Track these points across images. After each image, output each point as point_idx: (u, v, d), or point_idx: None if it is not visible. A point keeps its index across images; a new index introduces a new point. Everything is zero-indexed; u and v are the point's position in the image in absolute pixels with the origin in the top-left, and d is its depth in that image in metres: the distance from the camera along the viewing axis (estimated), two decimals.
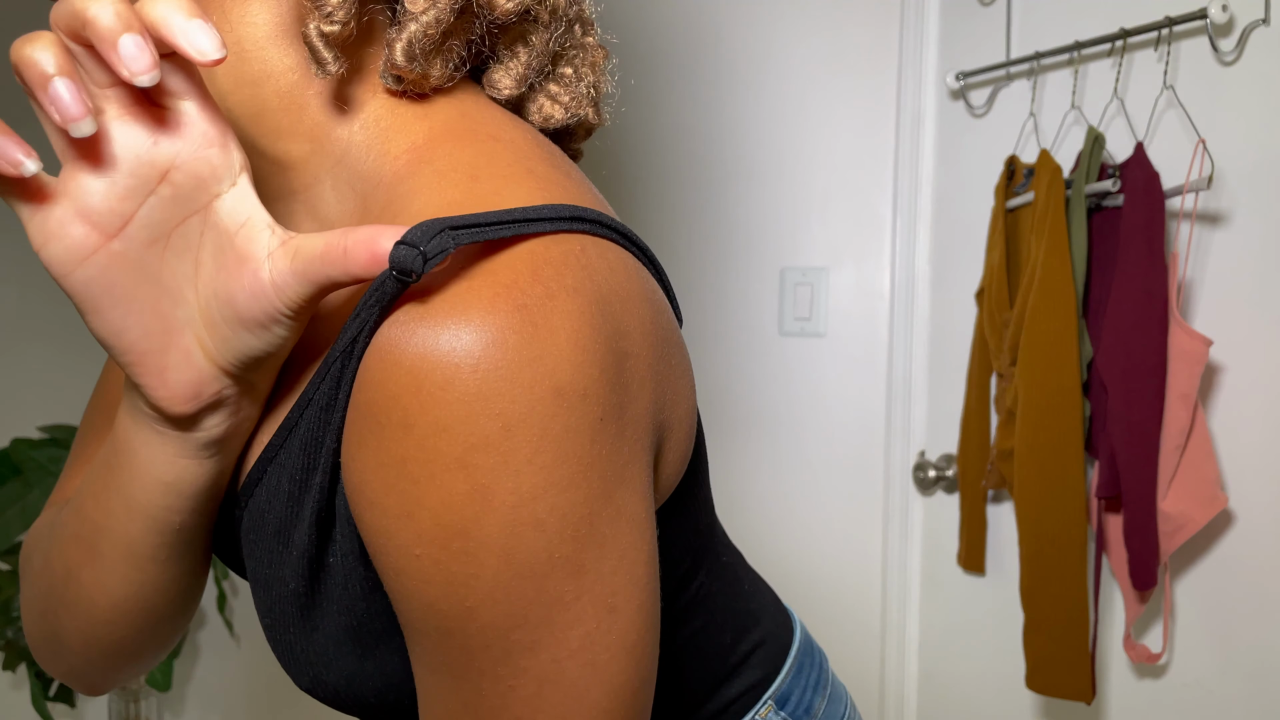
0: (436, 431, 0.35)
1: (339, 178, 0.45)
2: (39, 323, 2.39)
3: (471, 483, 0.35)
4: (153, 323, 0.39)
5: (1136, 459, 1.11)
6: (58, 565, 0.50)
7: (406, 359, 0.35)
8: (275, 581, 0.45)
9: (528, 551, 0.36)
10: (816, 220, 1.67)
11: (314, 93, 0.44)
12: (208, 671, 2.23)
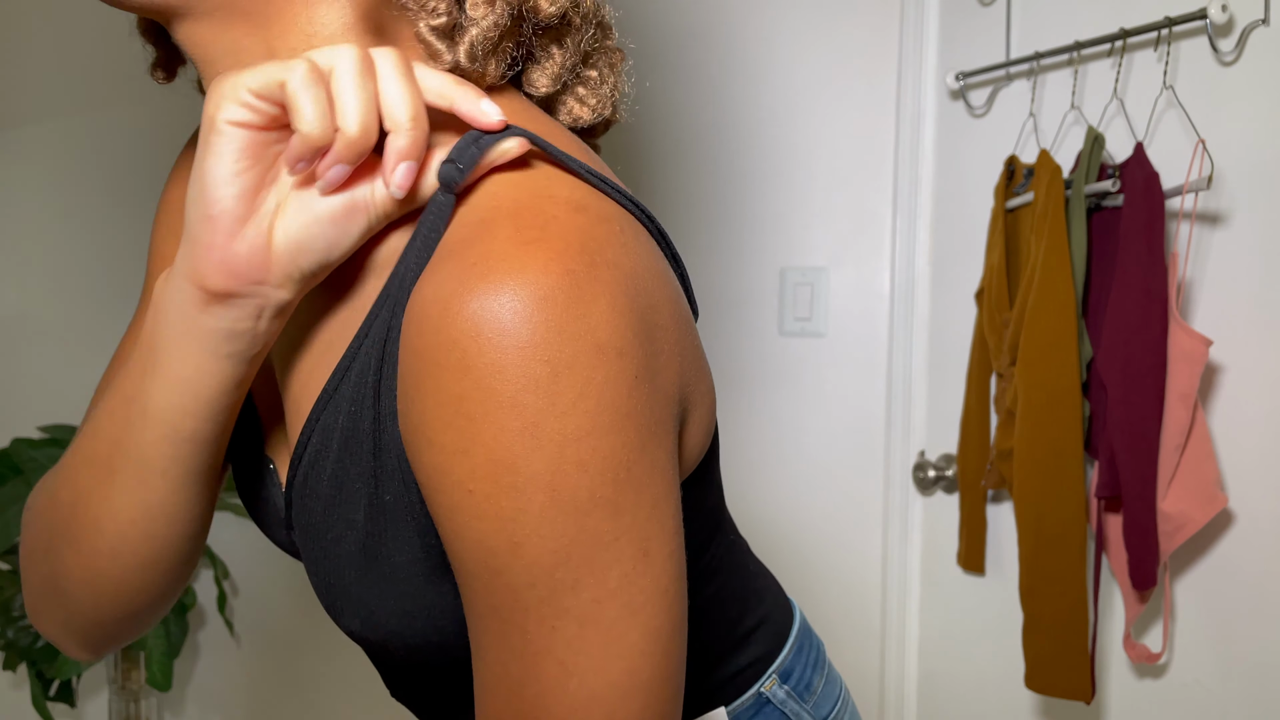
0: (492, 373, 0.38)
1: None
2: (39, 322, 2.39)
3: (522, 420, 0.38)
4: (251, 191, 0.42)
5: (1136, 459, 1.11)
6: (65, 496, 0.51)
7: (467, 309, 0.39)
8: (332, 524, 0.47)
9: (571, 489, 0.39)
10: (816, 220, 1.67)
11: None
12: (208, 671, 2.23)
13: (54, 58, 2.35)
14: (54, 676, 1.80)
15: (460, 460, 0.39)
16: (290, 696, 2.16)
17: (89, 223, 2.31)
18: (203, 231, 0.42)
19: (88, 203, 2.31)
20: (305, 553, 0.51)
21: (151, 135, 2.23)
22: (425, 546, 0.46)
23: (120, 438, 0.47)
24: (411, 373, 0.41)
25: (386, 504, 0.46)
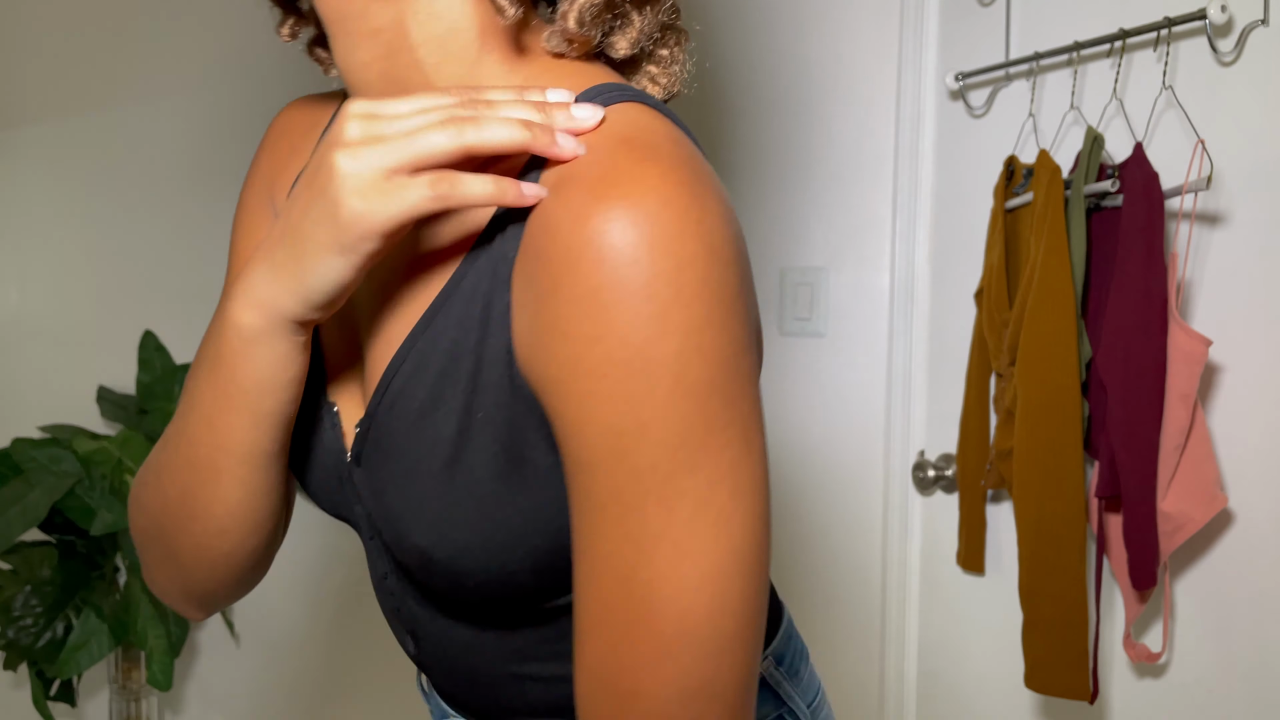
0: (626, 264, 0.42)
1: None
2: (40, 322, 2.39)
3: (653, 307, 0.42)
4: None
5: (1136, 459, 1.11)
6: (173, 492, 0.57)
7: (599, 214, 0.43)
8: (415, 444, 0.51)
9: (694, 374, 0.43)
10: (816, 220, 1.67)
11: (489, 49, 0.53)
12: (208, 671, 2.23)
13: (54, 58, 2.35)
14: (54, 676, 1.80)
15: (595, 347, 0.43)
16: (290, 696, 2.16)
17: (89, 223, 2.31)
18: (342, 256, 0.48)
19: (88, 203, 2.31)
20: (373, 481, 0.54)
21: (152, 135, 2.23)
22: (509, 461, 0.49)
23: (228, 443, 0.53)
24: (546, 277, 0.44)
25: (477, 420, 0.49)
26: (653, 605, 0.43)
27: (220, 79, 2.15)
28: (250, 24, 2.13)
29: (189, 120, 2.18)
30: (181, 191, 2.19)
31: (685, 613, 0.43)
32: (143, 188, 2.23)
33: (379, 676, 2.08)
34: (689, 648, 0.43)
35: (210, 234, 2.17)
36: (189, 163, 2.18)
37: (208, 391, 0.53)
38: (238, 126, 2.13)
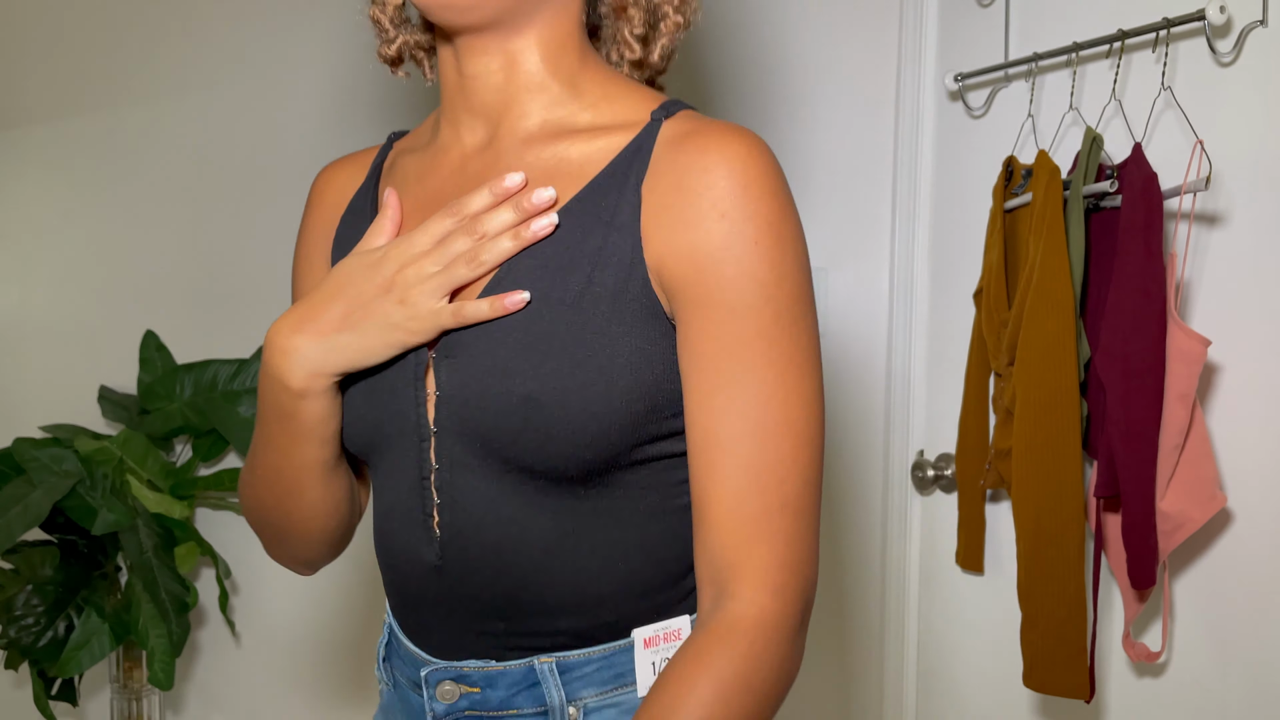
0: (763, 171, 0.62)
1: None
2: (41, 322, 2.39)
3: (780, 201, 0.62)
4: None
5: (1135, 459, 1.11)
6: (269, 500, 0.73)
7: (731, 145, 0.62)
8: (542, 292, 0.63)
9: (803, 255, 0.63)
10: (815, 221, 1.67)
11: (587, 73, 0.70)
12: (209, 670, 2.24)
13: (55, 58, 2.35)
14: (56, 675, 1.80)
15: (749, 224, 0.61)
16: (291, 695, 2.16)
17: (91, 223, 2.31)
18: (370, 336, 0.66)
19: (90, 203, 2.31)
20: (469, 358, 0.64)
21: (152, 136, 2.23)
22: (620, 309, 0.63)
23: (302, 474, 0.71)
24: (696, 184, 0.61)
25: (586, 277, 0.63)
26: (790, 412, 0.62)
27: (221, 80, 2.15)
28: (251, 24, 2.13)
29: (190, 121, 2.18)
30: (183, 192, 2.19)
31: (809, 422, 0.63)
32: (144, 188, 2.24)
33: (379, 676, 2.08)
34: (812, 447, 0.64)
35: (211, 235, 2.17)
36: (190, 164, 2.18)
37: (278, 433, 0.69)
38: (239, 127, 2.13)
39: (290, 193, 2.09)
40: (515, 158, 0.67)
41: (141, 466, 1.92)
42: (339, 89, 2.03)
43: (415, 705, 0.71)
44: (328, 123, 2.04)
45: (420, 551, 0.68)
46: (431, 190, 0.70)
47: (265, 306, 2.11)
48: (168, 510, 1.91)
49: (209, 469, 2.13)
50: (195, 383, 2.02)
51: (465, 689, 0.67)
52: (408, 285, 0.63)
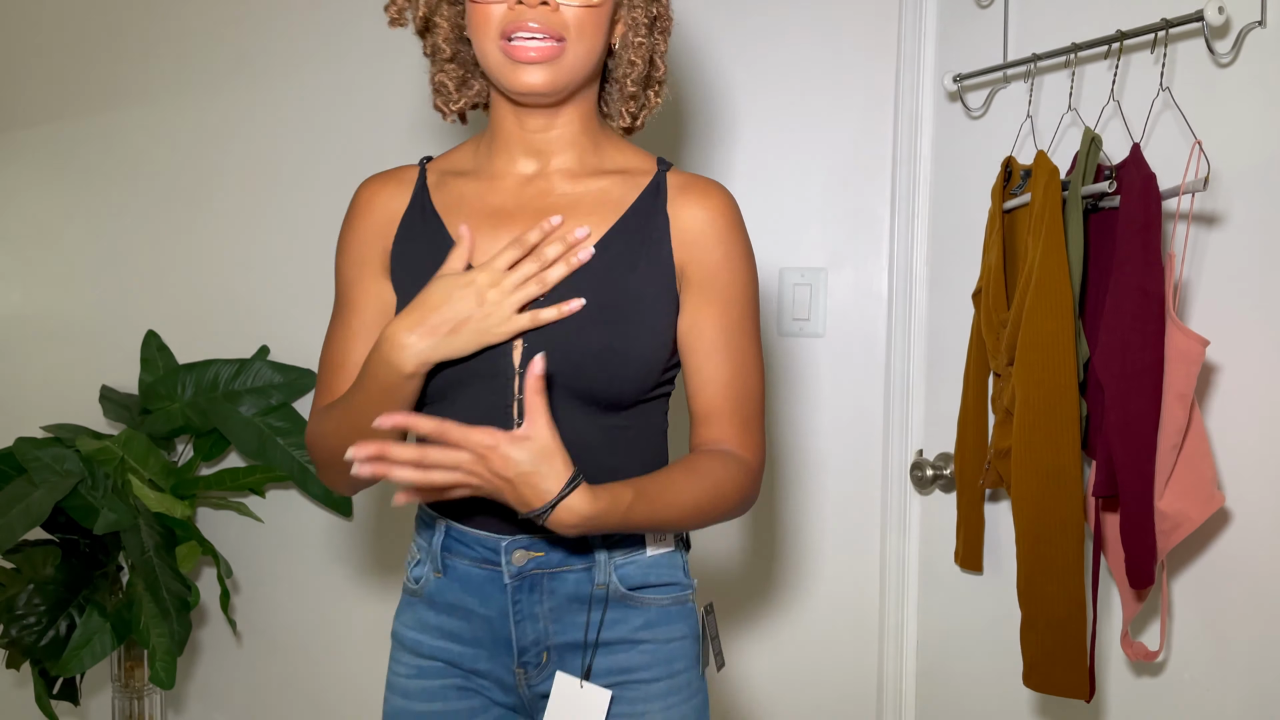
0: (738, 215, 0.95)
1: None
2: (43, 323, 2.39)
3: (745, 233, 0.96)
4: None
5: (1133, 458, 1.11)
6: (331, 449, 0.94)
7: (720, 194, 0.95)
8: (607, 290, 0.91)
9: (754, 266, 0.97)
10: (815, 221, 1.68)
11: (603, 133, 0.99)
12: (210, 669, 2.24)
13: (56, 60, 2.36)
14: (57, 674, 1.81)
15: (739, 246, 0.94)
16: (292, 694, 2.16)
17: (92, 224, 2.32)
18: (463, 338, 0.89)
19: (91, 204, 2.32)
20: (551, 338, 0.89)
21: (153, 137, 2.23)
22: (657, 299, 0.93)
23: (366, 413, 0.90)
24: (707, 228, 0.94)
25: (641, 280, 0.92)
26: (753, 370, 0.96)
27: (221, 81, 2.15)
28: (251, 25, 2.13)
29: (191, 121, 2.19)
30: (184, 193, 2.20)
31: (759, 372, 0.97)
32: (145, 189, 2.24)
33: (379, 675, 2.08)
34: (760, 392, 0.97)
35: (212, 235, 2.17)
36: (191, 164, 2.19)
37: (378, 401, 0.89)
38: (240, 128, 2.14)
39: (291, 192, 2.09)
40: (563, 187, 0.95)
41: (143, 466, 1.93)
42: (338, 89, 2.04)
43: (479, 577, 0.95)
44: (327, 123, 2.05)
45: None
46: (494, 205, 0.95)
47: (266, 307, 2.11)
48: (169, 510, 1.91)
49: (210, 468, 2.13)
50: (196, 382, 2.03)
51: (533, 554, 0.93)
52: (495, 303, 0.87)
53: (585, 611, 0.93)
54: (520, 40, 0.86)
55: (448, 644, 0.96)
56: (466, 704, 0.97)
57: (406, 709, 0.97)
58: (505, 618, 0.93)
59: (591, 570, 0.93)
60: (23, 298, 2.43)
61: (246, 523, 2.15)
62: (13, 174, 2.42)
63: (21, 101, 2.39)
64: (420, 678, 0.97)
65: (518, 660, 0.94)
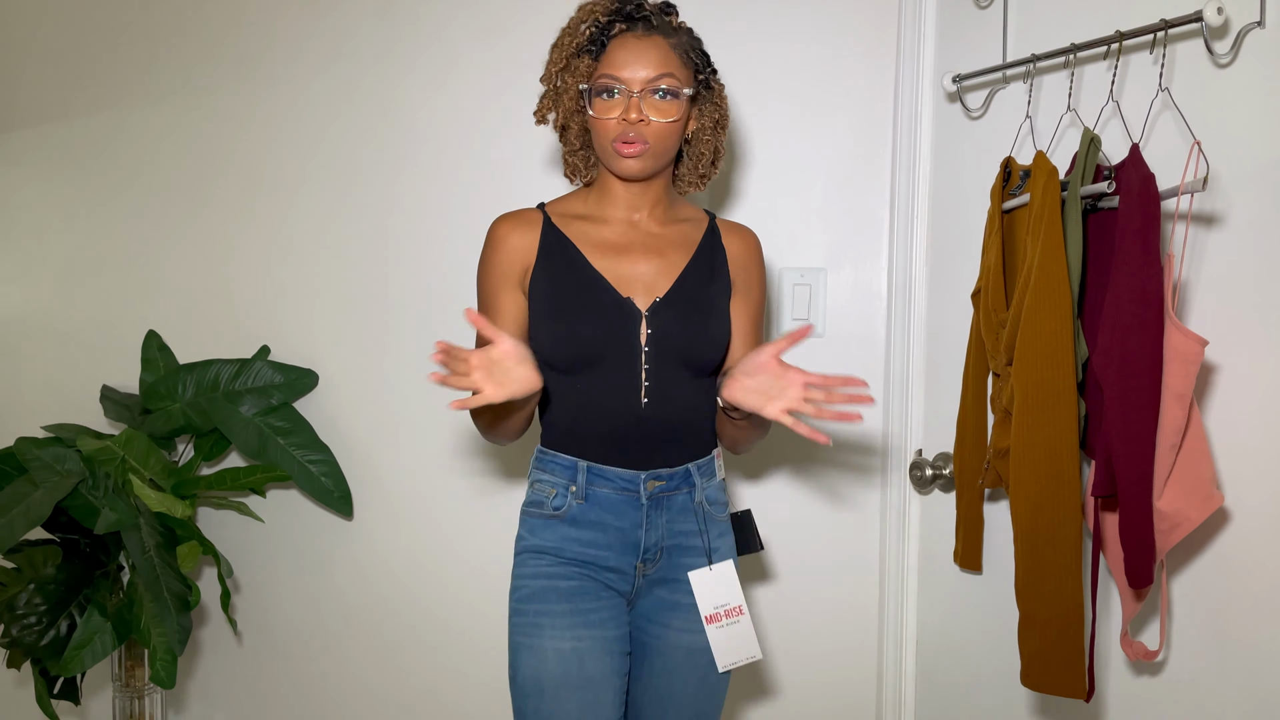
0: (761, 246, 1.38)
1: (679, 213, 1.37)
2: (43, 323, 2.40)
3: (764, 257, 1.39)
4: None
5: (1132, 458, 1.11)
6: (488, 417, 1.26)
7: (752, 234, 1.37)
8: (699, 299, 1.29)
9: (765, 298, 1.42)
10: (815, 222, 1.68)
11: (674, 192, 1.36)
12: (210, 669, 2.24)
13: (57, 61, 2.36)
14: (58, 674, 1.81)
15: (760, 269, 1.36)
16: (292, 693, 2.17)
17: (93, 224, 2.32)
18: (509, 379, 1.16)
19: (91, 204, 2.32)
20: (671, 319, 1.26)
21: (153, 138, 2.24)
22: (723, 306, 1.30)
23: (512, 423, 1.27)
24: (747, 250, 1.35)
25: (715, 290, 1.30)
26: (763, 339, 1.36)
27: (222, 82, 2.15)
28: (252, 26, 2.13)
29: (192, 121, 2.19)
30: (184, 193, 2.20)
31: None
32: (146, 190, 2.24)
33: (379, 674, 2.08)
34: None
35: (213, 235, 2.17)
36: (192, 164, 2.19)
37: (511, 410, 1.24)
38: (240, 128, 2.14)
39: (291, 193, 2.09)
40: (653, 229, 1.32)
41: (143, 466, 1.93)
42: (339, 89, 2.04)
43: (617, 501, 1.27)
44: (328, 123, 2.05)
45: (634, 409, 1.26)
46: (610, 239, 1.30)
47: (266, 307, 2.11)
48: (170, 509, 1.91)
49: (211, 468, 2.14)
50: (197, 382, 2.03)
51: (657, 483, 1.28)
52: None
53: (691, 520, 1.30)
54: (624, 144, 1.23)
55: (584, 549, 1.27)
56: (593, 584, 1.28)
57: (552, 588, 1.26)
58: (638, 528, 1.27)
59: (693, 491, 1.30)
60: (23, 298, 2.43)
61: (247, 522, 2.15)
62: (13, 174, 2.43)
63: (21, 101, 2.39)
64: (560, 570, 1.27)
65: (640, 557, 1.28)
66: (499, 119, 1.90)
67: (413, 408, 1.99)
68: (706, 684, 1.30)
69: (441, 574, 1.99)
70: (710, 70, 1.31)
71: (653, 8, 1.28)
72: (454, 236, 1.92)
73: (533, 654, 1.23)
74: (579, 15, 1.27)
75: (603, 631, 1.25)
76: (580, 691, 1.22)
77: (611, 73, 1.23)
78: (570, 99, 1.26)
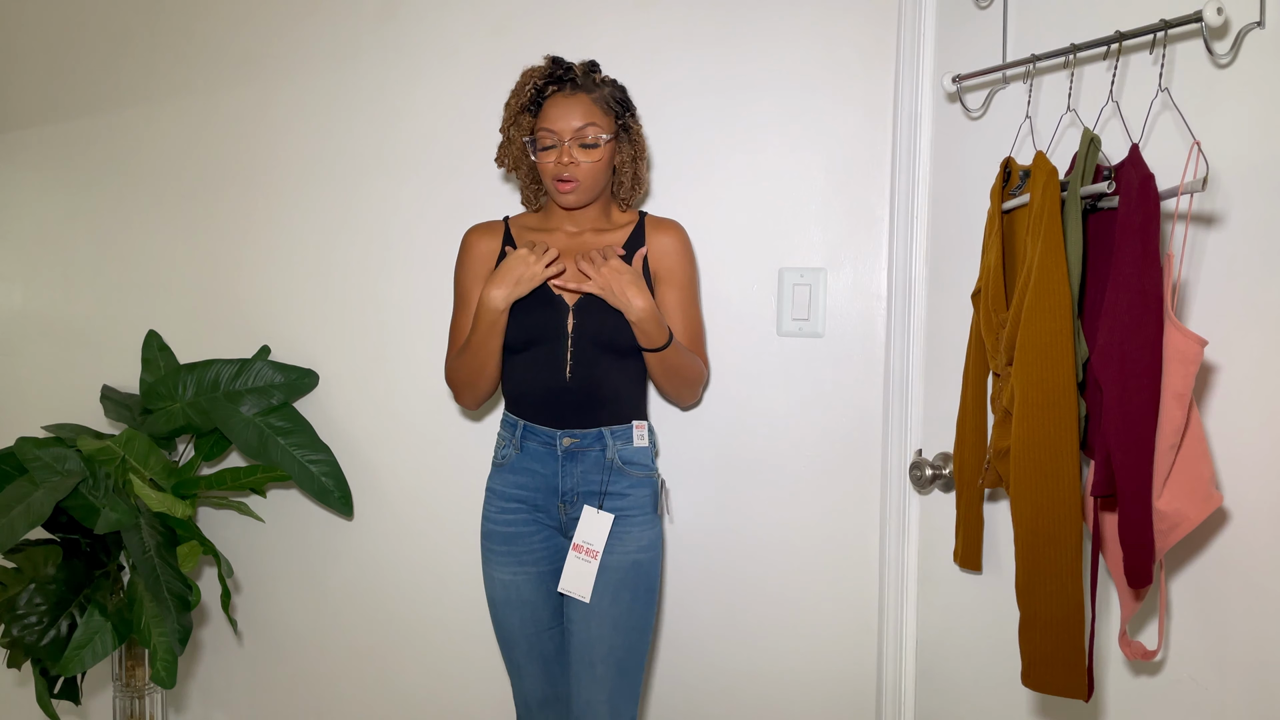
0: (688, 238, 1.65)
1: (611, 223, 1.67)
2: (44, 323, 2.40)
3: (691, 249, 1.67)
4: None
5: (1132, 458, 1.11)
6: (468, 372, 1.60)
7: (678, 228, 1.64)
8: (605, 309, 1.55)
9: (696, 276, 1.68)
10: (815, 221, 1.68)
11: (612, 205, 1.66)
12: (210, 668, 2.24)
13: (58, 61, 2.36)
14: (58, 674, 1.81)
15: (686, 258, 1.63)
16: (292, 693, 2.17)
17: (93, 224, 2.32)
18: (520, 286, 1.53)
19: (92, 204, 2.32)
20: (592, 313, 1.54)
21: (154, 138, 2.24)
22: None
23: (489, 357, 1.57)
24: (668, 246, 1.62)
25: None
26: (700, 323, 1.67)
27: (223, 82, 2.16)
28: (252, 27, 2.13)
29: (192, 122, 2.19)
30: (184, 194, 2.20)
31: (701, 324, 1.67)
32: (146, 190, 2.24)
33: (379, 674, 2.08)
34: (702, 336, 1.68)
35: (213, 235, 2.17)
36: (192, 165, 2.19)
37: (486, 335, 1.54)
38: (241, 129, 2.14)
39: (291, 193, 2.09)
40: (590, 239, 1.61)
41: (144, 466, 1.93)
42: (339, 90, 2.04)
43: (542, 453, 1.58)
44: (328, 124, 2.05)
45: (560, 381, 1.55)
46: (555, 244, 1.60)
47: (267, 307, 2.11)
48: (170, 509, 1.91)
49: (211, 468, 2.14)
50: (197, 382, 2.03)
51: (572, 440, 1.57)
52: (534, 263, 1.52)
53: (600, 472, 1.58)
54: (560, 181, 1.53)
55: (520, 490, 1.60)
56: (530, 524, 1.60)
57: (495, 531, 1.61)
58: (556, 475, 1.58)
59: (605, 450, 1.58)
60: (24, 298, 2.43)
61: (247, 522, 2.15)
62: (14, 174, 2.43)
63: (22, 101, 2.39)
64: (504, 512, 1.61)
65: (560, 499, 1.59)
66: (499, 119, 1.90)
67: (413, 408, 1.99)
68: (624, 604, 1.56)
69: (441, 574, 1.99)
70: (629, 114, 1.57)
71: (579, 69, 1.56)
72: (454, 236, 1.93)
73: (488, 578, 1.63)
74: (522, 80, 1.56)
75: (535, 567, 1.60)
76: (520, 609, 1.60)
77: (547, 126, 1.53)
78: (518, 148, 1.58)
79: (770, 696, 1.76)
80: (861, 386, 1.64)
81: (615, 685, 1.56)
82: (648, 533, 1.58)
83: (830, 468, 1.68)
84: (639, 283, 1.51)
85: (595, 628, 1.55)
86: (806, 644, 1.72)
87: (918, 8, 1.54)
